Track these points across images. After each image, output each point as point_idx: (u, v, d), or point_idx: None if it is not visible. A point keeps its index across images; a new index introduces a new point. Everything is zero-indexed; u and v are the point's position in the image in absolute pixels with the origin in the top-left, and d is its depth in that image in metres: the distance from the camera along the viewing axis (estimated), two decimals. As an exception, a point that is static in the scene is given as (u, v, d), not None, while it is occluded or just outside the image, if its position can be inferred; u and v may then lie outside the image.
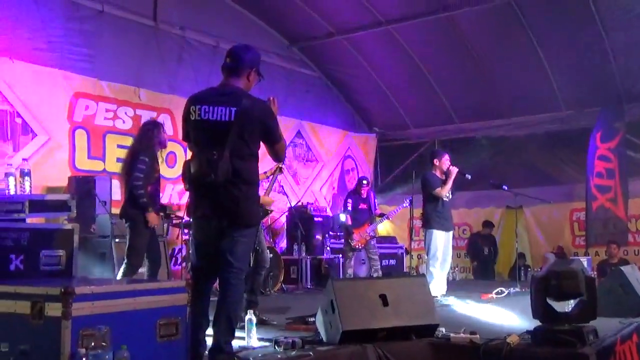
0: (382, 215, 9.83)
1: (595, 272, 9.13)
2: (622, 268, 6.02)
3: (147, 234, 5.91)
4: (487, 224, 12.09)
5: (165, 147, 6.16)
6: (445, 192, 7.69)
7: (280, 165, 5.93)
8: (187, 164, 4.01)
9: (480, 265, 12.06)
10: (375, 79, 12.62)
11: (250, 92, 4.11)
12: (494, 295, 7.86)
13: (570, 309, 4.39)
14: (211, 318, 3.95)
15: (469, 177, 8.02)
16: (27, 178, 5.76)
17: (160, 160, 6.11)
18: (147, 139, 5.98)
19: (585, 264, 6.69)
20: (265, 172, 6.48)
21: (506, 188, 9.21)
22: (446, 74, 12.00)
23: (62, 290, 3.12)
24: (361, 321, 4.40)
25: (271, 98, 4.20)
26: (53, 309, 3.16)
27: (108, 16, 9.18)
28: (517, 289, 8.24)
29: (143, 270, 6.10)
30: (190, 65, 10.19)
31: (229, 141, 3.83)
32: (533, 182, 11.43)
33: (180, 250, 9.03)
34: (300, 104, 12.33)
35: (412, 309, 4.58)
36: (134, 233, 5.87)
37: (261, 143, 4.06)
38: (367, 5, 10.91)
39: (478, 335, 4.47)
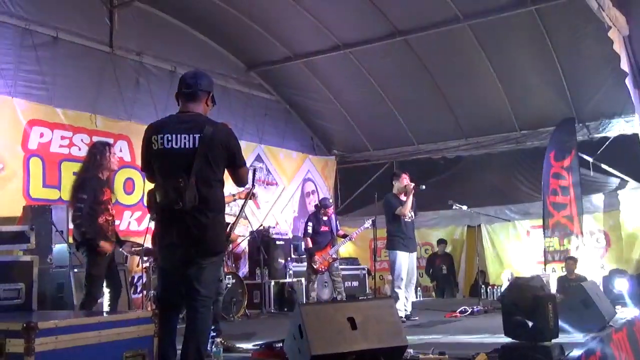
0: (345, 236, 9.80)
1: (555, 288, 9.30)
2: (583, 284, 6.15)
3: (104, 262, 5.73)
4: (441, 241, 12.22)
5: (113, 170, 6.01)
6: (406, 210, 7.70)
7: (253, 191, 5.76)
8: (152, 194, 3.93)
9: (440, 284, 12.16)
10: (333, 102, 12.72)
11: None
12: (458, 314, 7.95)
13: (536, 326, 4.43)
14: (178, 347, 3.86)
15: (423, 187, 8.07)
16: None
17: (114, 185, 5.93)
18: (94, 166, 5.80)
19: (544, 280, 6.79)
20: (233, 195, 6.33)
21: (466, 207, 9.35)
22: (404, 96, 12.18)
23: (24, 325, 3.02)
24: (330, 345, 4.34)
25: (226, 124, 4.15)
26: (14, 345, 3.05)
27: (63, 42, 9.04)
28: (480, 307, 8.31)
29: (101, 300, 5.92)
30: (147, 91, 10.10)
31: (194, 168, 3.79)
32: (490, 201, 11.65)
33: (140, 278, 8.84)
34: (259, 128, 12.35)
35: (380, 331, 4.55)
36: (90, 262, 5.68)
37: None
38: (325, 30, 11.02)
39: (447, 355, 4.49)
